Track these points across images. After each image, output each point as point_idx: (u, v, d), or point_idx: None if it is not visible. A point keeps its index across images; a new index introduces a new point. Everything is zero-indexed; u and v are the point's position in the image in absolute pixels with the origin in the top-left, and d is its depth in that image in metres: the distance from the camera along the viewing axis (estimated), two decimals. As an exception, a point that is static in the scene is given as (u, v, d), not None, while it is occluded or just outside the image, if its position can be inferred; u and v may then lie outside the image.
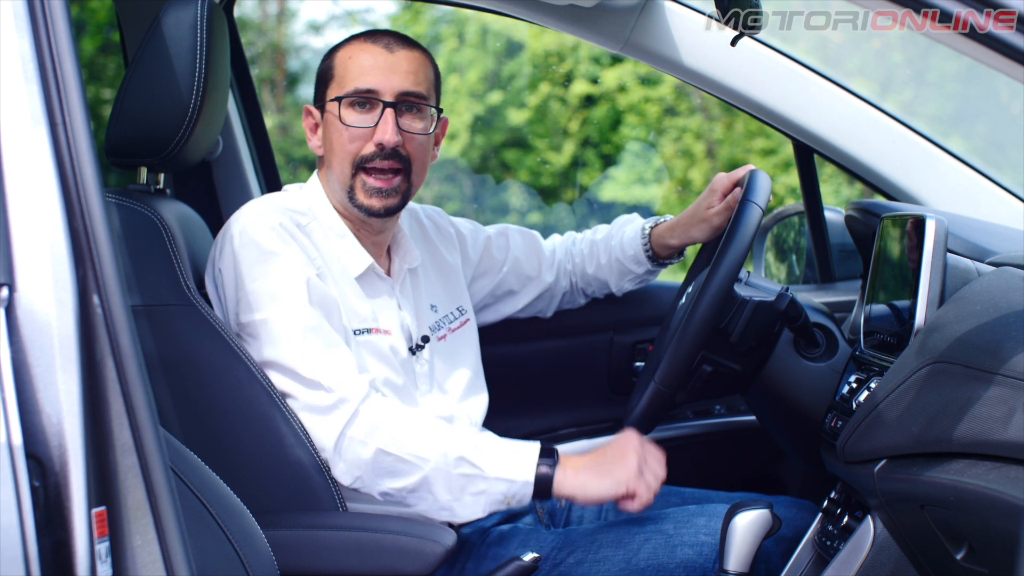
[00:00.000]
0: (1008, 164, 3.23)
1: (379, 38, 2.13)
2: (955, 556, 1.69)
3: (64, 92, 1.35)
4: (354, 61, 2.12)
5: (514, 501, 1.98)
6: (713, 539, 2.03)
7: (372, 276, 2.16)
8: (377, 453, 1.96)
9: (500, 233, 2.49)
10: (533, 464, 1.98)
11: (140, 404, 1.33)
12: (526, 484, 1.97)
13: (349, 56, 2.13)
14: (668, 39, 2.58)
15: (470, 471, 1.96)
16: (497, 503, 1.98)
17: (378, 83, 2.09)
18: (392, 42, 2.13)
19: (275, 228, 2.02)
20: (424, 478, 1.96)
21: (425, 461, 1.96)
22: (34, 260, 1.31)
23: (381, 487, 1.98)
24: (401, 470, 1.97)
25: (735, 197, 2.29)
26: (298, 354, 1.97)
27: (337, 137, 2.11)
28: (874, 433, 1.82)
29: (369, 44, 2.12)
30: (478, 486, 1.97)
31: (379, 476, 1.97)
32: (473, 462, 1.97)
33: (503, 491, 1.97)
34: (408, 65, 2.11)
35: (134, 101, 2.03)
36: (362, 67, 2.10)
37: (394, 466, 1.97)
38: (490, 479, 1.96)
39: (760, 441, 2.70)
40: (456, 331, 2.31)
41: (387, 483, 1.97)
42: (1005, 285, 1.78)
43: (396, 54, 2.11)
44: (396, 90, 2.09)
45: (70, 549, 1.28)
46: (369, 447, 1.96)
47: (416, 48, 2.15)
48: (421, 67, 2.13)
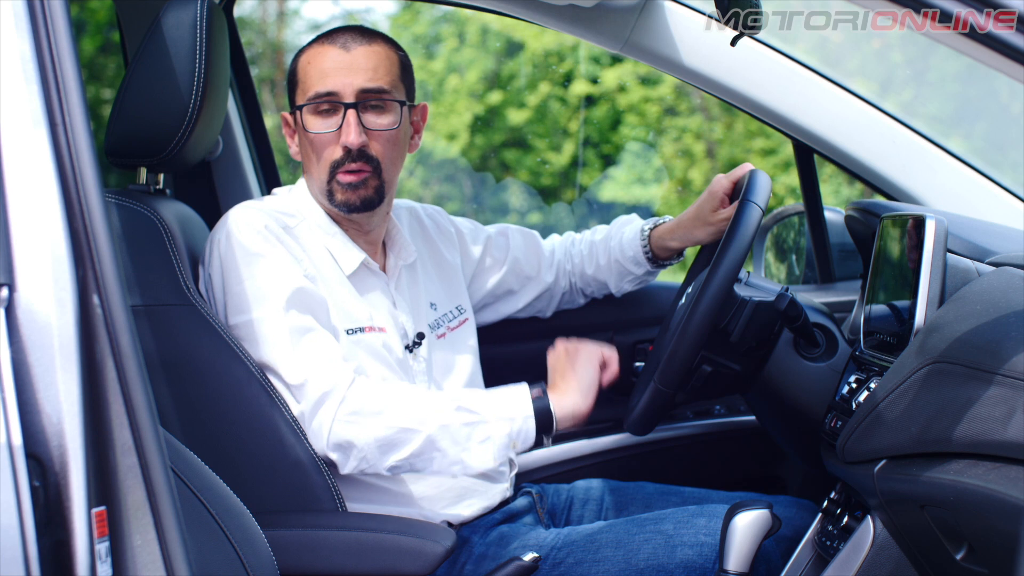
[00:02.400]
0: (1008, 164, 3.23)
1: (336, 37, 2.12)
2: (955, 556, 1.69)
3: (64, 92, 1.35)
4: (312, 65, 2.11)
5: (519, 441, 2.00)
6: (713, 539, 2.03)
7: (366, 273, 2.16)
8: (375, 431, 1.96)
9: (500, 233, 2.49)
10: (528, 398, 2.02)
11: (140, 404, 1.33)
12: (527, 419, 2.00)
13: (308, 61, 2.12)
14: (668, 39, 2.58)
15: (471, 419, 1.98)
16: (504, 448, 2.00)
17: (336, 85, 2.08)
18: (349, 40, 2.11)
19: (260, 231, 2.02)
20: (427, 439, 1.97)
21: (423, 423, 1.97)
22: (34, 260, 1.31)
23: (387, 462, 1.98)
24: (401, 440, 1.97)
25: (723, 194, 2.31)
26: (284, 356, 1.98)
27: (308, 144, 2.11)
28: (874, 433, 1.82)
29: (326, 46, 2.11)
30: (482, 432, 1.98)
31: (382, 453, 1.97)
32: (471, 409, 1.99)
33: (507, 432, 1.99)
34: (366, 62, 2.09)
35: (134, 101, 2.03)
36: (320, 70, 2.09)
37: (394, 438, 1.97)
38: (491, 423, 1.99)
39: (760, 441, 2.70)
40: (455, 330, 2.31)
41: (392, 457, 1.98)
42: (1005, 285, 1.78)
43: (352, 52, 2.09)
44: (355, 89, 2.08)
45: (70, 549, 1.28)
46: (364, 428, 1.96)
47: (377, 41, 2.12)
48: (382, 61, 2.11)
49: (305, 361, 1.98)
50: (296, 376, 1.97)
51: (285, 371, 1.98)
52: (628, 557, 2.03)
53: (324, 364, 1.99)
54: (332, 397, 1.97)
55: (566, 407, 2.03)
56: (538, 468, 2.74)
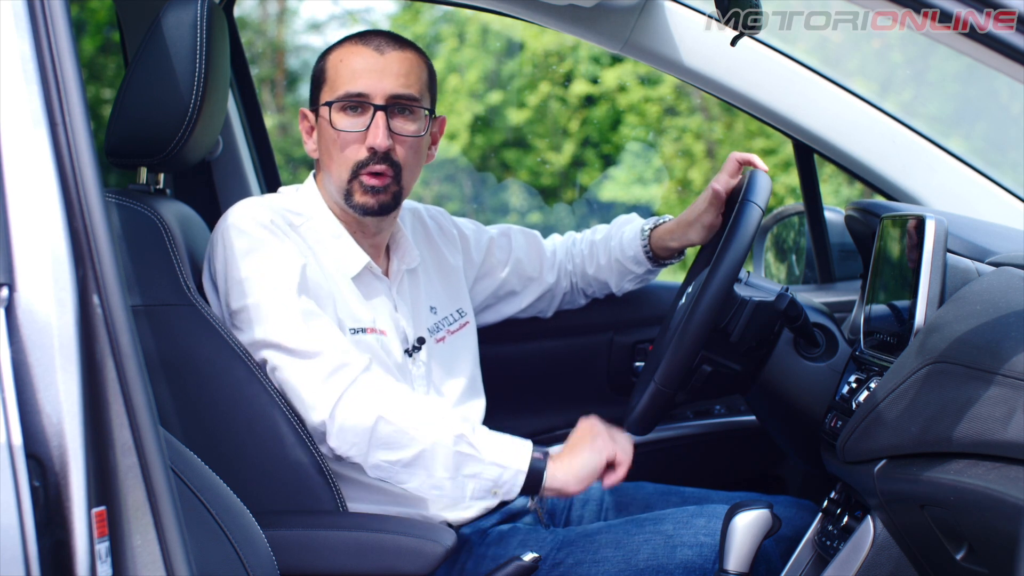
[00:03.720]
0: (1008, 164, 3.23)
1: (370, 40, 2.12)
2: (955, 556, 1.69)
3: (64, 92, 1.35)
4: (344, 64, 2.11)
5: (502, 491, 1.99)
6: (713, 540, 2.03)
7: (368, 276, 2.16)
8: (378, 421, 1.95)
9: (502, 234, 2.49)
10: (527, 455, 2.00)
11: (140, 404, 1.33)
12: (518, 473, 1.98)
13: (340, 59, 2.12)
14: (668, 39, 2.58)
15: (468, 451, 1.97)
16: (486, 490, 1.99)
17: (368, 86, 2.08)
18: (383, 43, 2.11)
19: (266, 225, 2.02)
20: (422, 452, 1.96)
21: (425, 435, 1.96)
22: (34, 260, 1.31)
23: (376, 458, 1.97)
24: (399, 442, 1.96)
25: (719, 197, 2.29)
26: (293, 330, 1.96)
27: (331, 142, 2.10)
28: (874, 433, 1.82)
29: (360, 46, 2.11)
30: (473, 468, 1.97)
31: (376, 447, 1.96)
32: (472, 443, 1.98)
33: (494, 477, 1.98)
34: (399, 67, 2.10)
35: (134, 101, 2.03)
36: (353, 70, 2.09)
37: (393, 437, 1.96)
38: (485, 462, 1.97)
39: (760, 441, 2.70)
40: (455, 333, 2.30)
41: (382, 454, 1.96)
42: (1005, 285, 1.78)
43: (387, 56, 2.10)
44: (387, 93, 2.08)
45: (70, 549, 1.28)
46: (370, 414, 1.95)
47: (408, 48, 2.13)
48: (413, 68, 2.12)
49: (318, 336, 1.97)
50: (307, 344, 1.95)
51: (295, 341, 1.95)
52: (628, 557, 2.03)
53: (339, 342, 1.98)
54: (344, 372, 1.96)
55: (557, 480, 2.00)
56: (538, 468, 2.73)
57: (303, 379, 1.96)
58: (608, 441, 2.04)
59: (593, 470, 2.01)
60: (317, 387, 1.95)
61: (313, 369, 1.96)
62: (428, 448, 1.96)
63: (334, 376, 1.96)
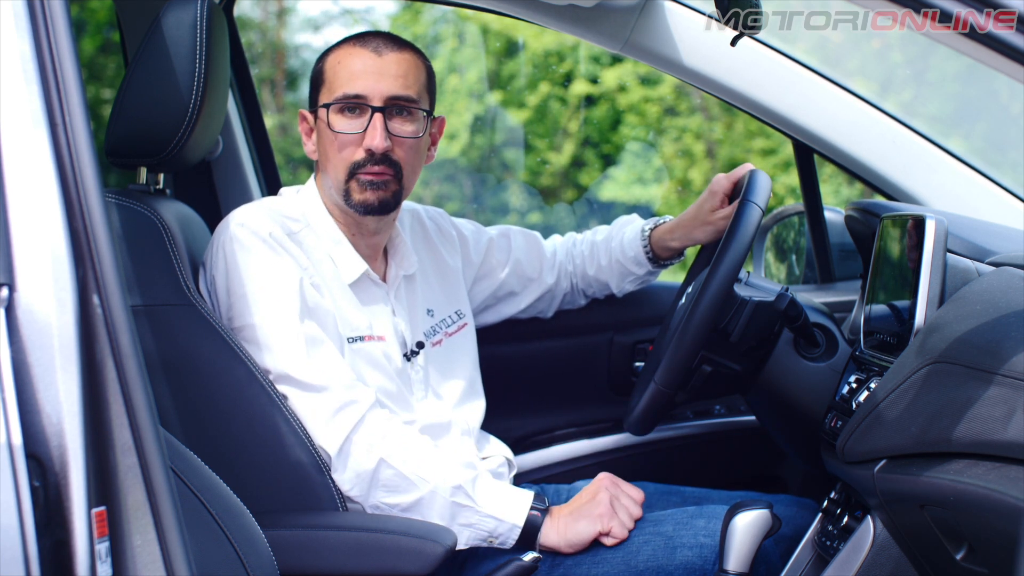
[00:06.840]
0: (1008, 164, 3.23)
1: (368, 41, 2.12)
2: (955, 556, 1.69)
3: (64, 92, 1.35)
4: (343, 66, 2.10)
5: (496, 542, 2.02)
6: (713, 541, 2.03)
7: (366, 282, 2.16)
8: (380, 464, 1.97)
9: (502, 234, 2.49)
10: (525, 510, 2.02)
11: (140, 404, 1.33)
12: (513, 528, 2.01)
13: (338, 61, 2.12)
14: (668, 39, 2.58)
15: (465, 501, 1.99)
16: (480, 539, 2.02)
17: (366, 88, 2.08)
18: (381, 45, 2.11)
19: (265, 239, 2.02)
20: (420, 499, 1.98)
21: (425, 482, 1.98)
22: (34, 260, 1.31)
23: (375, 499, 1.99)
24: (400, 486, 1.98)
25: (723, 185, 2.31)
26: (299, 361, 1.98)
27: (329, 143, 2.10)
28: (874, 433, 1.82)
29: (358, 48, 2.11)
30: (468, 518, 2.00)
31: (376, 488, 1.98)
32: (469, 493, 2.00)
33: (490, 529, 2.00)
34: (397, 68, 2.10)
35: (134, 101, 2.03)
36: (351, 72, 2.09)
37: (394, 481, 1.98)
38: (481, 514, 2.00)
39: (760, 441, 2.70)
40: (453, 335, 2.30)
41: (383, 497, 1.99)
42: (1005, 285, 1.78)
43: (385, 57, 2.10)
44: (385, 94, 2.08)
45: (70, 549, 1.28)
46: (373, 456, 1.97)
47: (407, 50, 2.13)
48: (411, 69, 2.11)
49: (323, 368, 1.98)
50: (315, 379, 1.97)
51: (302, 373, 1.97)
52: (627, 558, 2.03)
53: (345, 376, 2.00)
54: (351, 410, 1.98)
55: (550, 540, 2.02)
56: (538, 468, 2.74)
57: (310, 413, 1.98)
58: (610, 514, 2.04)
59: (586, 540, 2.03)
60: (324, 424, 1.97)
61: (320, 404, 1.97)
62: (426, 496, 1.98)
63: (340, 414, 1.97)
